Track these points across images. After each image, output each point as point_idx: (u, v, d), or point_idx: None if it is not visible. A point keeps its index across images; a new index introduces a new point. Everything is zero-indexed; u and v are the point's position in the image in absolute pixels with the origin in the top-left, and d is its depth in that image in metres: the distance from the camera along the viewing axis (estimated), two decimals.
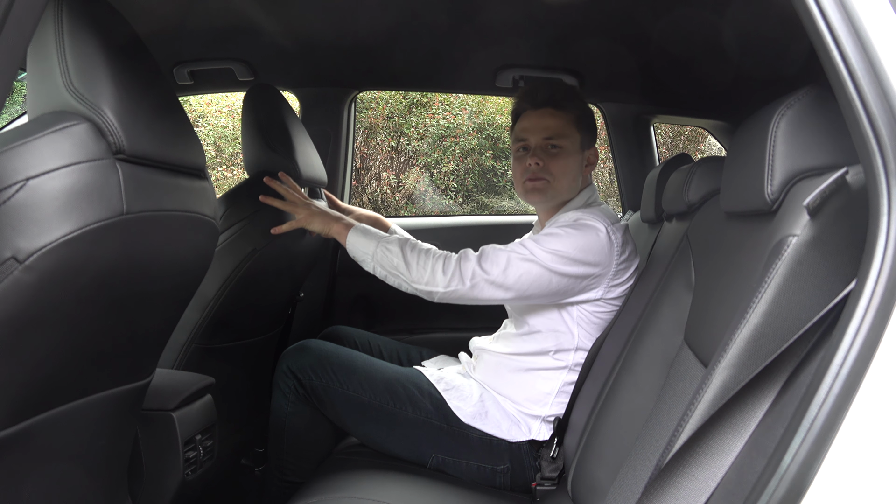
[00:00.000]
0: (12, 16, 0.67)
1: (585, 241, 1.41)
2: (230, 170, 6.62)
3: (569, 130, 1.53)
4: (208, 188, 1.06)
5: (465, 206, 6.88)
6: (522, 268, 1.40)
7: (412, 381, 1.51)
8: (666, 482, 0.74)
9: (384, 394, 1.47)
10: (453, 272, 1.41)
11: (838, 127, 0.73)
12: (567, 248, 1.40)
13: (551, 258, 1.40)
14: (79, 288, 0.81)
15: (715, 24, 1.43)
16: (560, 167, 1.52)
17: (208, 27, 1.81)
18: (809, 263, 0.75)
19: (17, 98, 3.59)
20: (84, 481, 1.00)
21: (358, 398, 1.47)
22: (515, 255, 1.41)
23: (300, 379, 1.49)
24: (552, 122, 1.53)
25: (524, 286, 1.40)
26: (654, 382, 1.12)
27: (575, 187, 1.56)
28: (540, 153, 1.52)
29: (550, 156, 1.52)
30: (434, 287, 1.41)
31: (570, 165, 1.53)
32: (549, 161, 1.52)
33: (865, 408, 0.62)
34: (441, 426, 1.46)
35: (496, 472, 1.45)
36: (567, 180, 1.54)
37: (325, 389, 1.48)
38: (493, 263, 1.41)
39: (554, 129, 1.53)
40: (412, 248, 1.45)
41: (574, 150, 1.54)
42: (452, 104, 6.83)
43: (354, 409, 1.47)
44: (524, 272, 1.40)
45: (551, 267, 1.40)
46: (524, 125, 1.57)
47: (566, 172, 1.53)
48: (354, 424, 1.50)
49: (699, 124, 2.75)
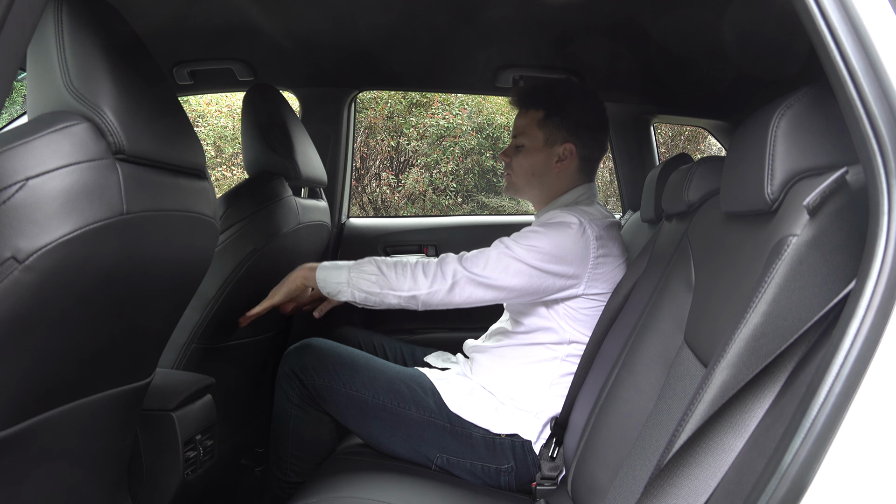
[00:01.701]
0: (12, 16, 0.67)
1: (558, 237, 1.45)
2: (230, 170, 6.62)
3: (530, 129, 1.62)
4: (208, 188, 1.06)
5: (465, 206, 6.88)
6: (503, 263, 1.42)
7: (415, 381, 1.51)
8: (666, 482, 0.74)
9: (387, 393, 1.47)
10: (434, 273, 1.42)
11: (838, 127, 0.73)
12: (543, 245, 1.43)
13: (529, 254, 1.42)
14: (79, 288, 0.81)
15: (715, 25, 1.43)
16: (518, 163, 1.63)
17: (208, 27, 1.81)
18: (809, 263, 0.75)
19: (17, 98, 3.59)
20: (84, 481, 1.00)
21: (361, 397, 1.47)
22: (495, 252, 1.44)
23: (302, 379, 1.49)
24: (518, 122, 1.65)
25: (505, 282, 1.42)
26: (654, 382, 1.12)
27: (542, 183, 1.63)
28: (509, 150, 1.66)
29: (515, 153, 1.64)
30: (416, 290, 1.41)
31: (528, 162, 1.62)
32: (512, 158, 1.65)
33: (866, 408, 0.62)
34: (444, 426, 1.46)
35: (500, 472, 1.45)
36: (526, 176, 1.63)
37: (328, 389, 1.48)
38: (472, 262, 1.43)
39: (518, 128, 1.65)
40: (385, 262, 1.46)
41: (535, 148, 1.61)
42: (452, 104, 6.83)
43: (357, 408, 1.47)
44: (504, 268, 1.42)
45: (530, 262, 1.42)
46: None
47: (524, 168, 1.63)
48: (357, 424, 1.50)
49: (699, 124, 2.75)
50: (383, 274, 1.43)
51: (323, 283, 1.47)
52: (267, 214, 1.59)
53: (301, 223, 1.73)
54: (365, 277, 1.44)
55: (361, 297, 1.45)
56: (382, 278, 1.43)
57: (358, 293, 1.45)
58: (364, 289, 1.44)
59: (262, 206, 1.59)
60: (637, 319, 1.33)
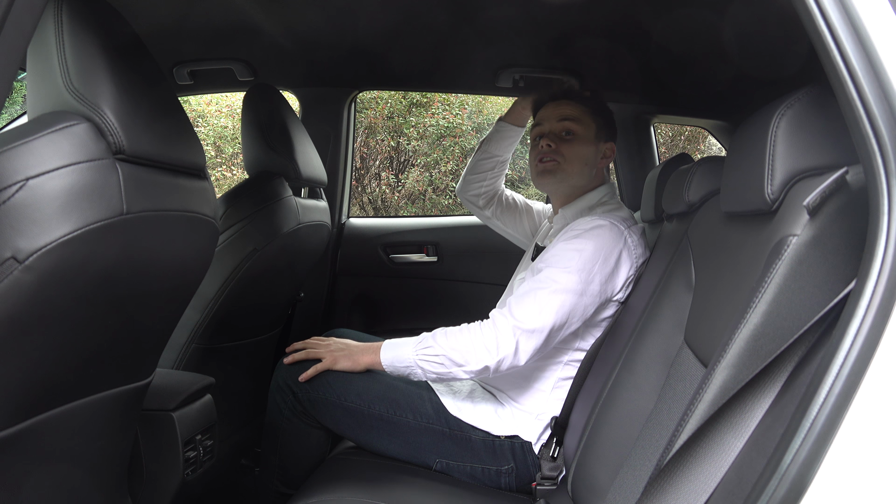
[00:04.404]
0: (12, 16, 0.67)
1: (601, 244, 1.41)
2: (230, 170, 6.62)
3: (584, 118, 1.58)
4: (208, 188, 1.06)
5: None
6: (557, 301, 1.36)
7: (412, 386, 1.50)
8: (666, 482, 0.74)
9: (382, 402, 1.46)
10: (494, 340, 1.35)
11: (838, 127, 0.73)
12: (587, 258, 1.39)
13: (579, 279, 1.37)
14: (78, 288, 0.81)
15: (715, 24, 1.43)
16: (571, 150, 1.57)
17: (208, 27, 1.81)
18: (809, 263, 0.75)
19: (17, 98, 3.59)
20: (84, 481, 1.00)
21: (357, 409, 1.45)
22: (543, 292, 1.37)
23: (295, 392, 1.47)
24: (568, 110, 1.60)
25: (563, 318, 1.37)
26: (654, 382, 1.12)
27: (586, 175, 1.59)
28: (553, 137, 1.58)
29: (563, 140, 1.57)
30: (486, 362, 1.35)
31: (581, 151, 1.57)
32: (561, 144, 1.57)
33: (866, 408, 0.62)
34: (443, 430, 1.46)
35: (500, 473, 1.45)
36: (578, 164, 1.57)
37: (323, 401, 1.46)
38: (524, 311, 1.36)
39: (569, 114, 1.59)
40: (444, 335, 1.40)
41: (588, 138, 1.58)
42: (452, 104, 6.82)
43: (354, 419, 1.46)
44: (559, 305, 1.36)
45: (584, 289, 1.38)
46: (542, 114, 1.64)
47: (577, 156, 1.57)
48: (355, 434, 1.49)
49: (699, 124, 2.75)
50: (448, 356, 1.37)
51: (392, 368, 1.42)
52: (267, 214, 1.59)
53: (301, 223, 1.73)
54: (430, 359, 1.38)
55: (433, 377, 1.41)
56: (448, 361, 1.37)
57: (430, 374, 1.40)
58: (434, 371, 1.39)
59: (262, 206, 1.59)
60: (637, 320, 1.33)
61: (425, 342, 1.39)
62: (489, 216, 1.95)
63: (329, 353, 1.47)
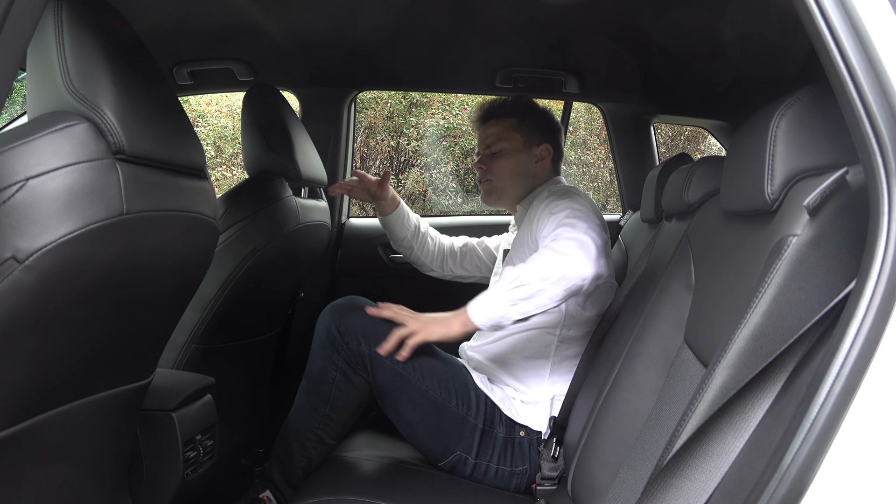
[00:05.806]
0: (12, 16, 0.67)
1: (584, 202, 1.50)
2: (230, 170, 6.62)
3: (507, 134, 1.72)
4: (208, 188, 1.06)
5: (465, 206, 6.88)
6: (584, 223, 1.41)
7: (461, 371, 1.51)
8: (666, 482, 0.74)
9: (433, 380, 1.44)
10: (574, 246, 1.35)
11: (838, 127, 0.73)
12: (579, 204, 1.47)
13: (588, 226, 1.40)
14: (79, 288, 0.81)
15: (715, 25, 1.43)
16: (500, 166, 1.72)
17: (208, 27, 1.81)
18: (810, 263, 0.75)
19: (17, 98, 3.59)
20: (84, 481, 1.00)
21: (406, 377, 1.42)
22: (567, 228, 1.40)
23: (347, 342, 1.42)
24: (491, 131, 1.75)
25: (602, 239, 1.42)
26: (654, 382, 1.12)
27: (522, 183, 1.72)
28: (484, 159, 1.74)
29: (492, 160, 1.73)
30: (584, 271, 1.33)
31: (510, 164, 1.71)
32: (491, 164, 1.73)
33: (866, 408, 0.62)
34: (475, 424, 1.46)
35: (514, 474, 1.46)
36: (510, 177, 1.72)
37: (374, 359, 1.42)
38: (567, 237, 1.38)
39: (493, 136, 1.73)
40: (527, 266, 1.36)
41: (515, 150, 1.71)
42: (452, 104, 6.82)
43: (399, 386, 1.43)
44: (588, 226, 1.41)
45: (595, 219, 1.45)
46: (477, 139, 1.81)
47: (507, 171, 1.72)
48: (391, 400, 1.45)
49: (699, 124, 2.75)
50: (537, 274, 1.33)
51: (484, 318, 1.37)
52: (267, 214, 1.59)
53: (301, 223, 1.73)
54: (520, 289, 1.34)
55: (527, 310, 1.35)
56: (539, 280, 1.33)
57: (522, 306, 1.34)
58: (527, 298, 1.33)
59: (262, 206, 1.59)
60: (637, 320, 1.33)
61: (507, 278, 1.36)
62: (456, 272, 2.01)
63: (419, 323, 1.41)
